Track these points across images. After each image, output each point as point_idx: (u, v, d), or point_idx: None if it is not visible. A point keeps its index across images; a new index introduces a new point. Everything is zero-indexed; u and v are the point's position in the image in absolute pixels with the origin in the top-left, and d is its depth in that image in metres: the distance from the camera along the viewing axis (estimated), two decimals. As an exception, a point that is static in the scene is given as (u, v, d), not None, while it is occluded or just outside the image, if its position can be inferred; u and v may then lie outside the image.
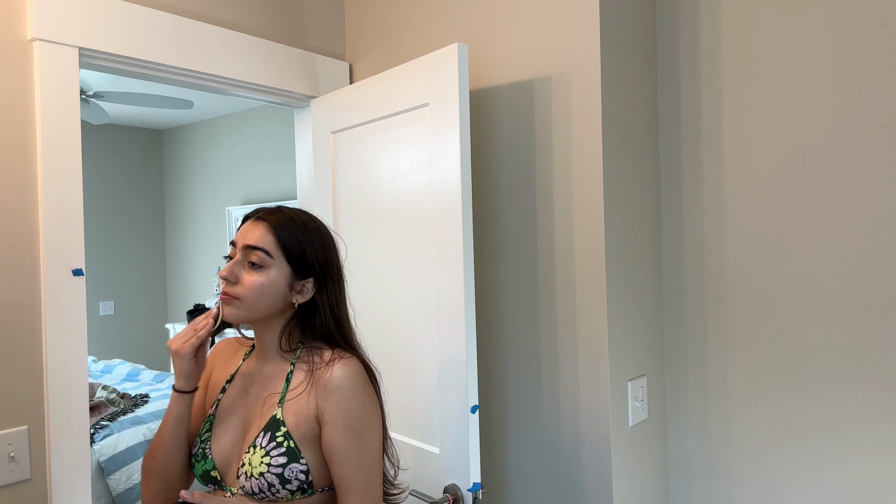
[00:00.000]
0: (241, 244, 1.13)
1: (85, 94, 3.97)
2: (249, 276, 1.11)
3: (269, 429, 1.10)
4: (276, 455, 1.07)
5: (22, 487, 1.38)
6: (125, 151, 6.05)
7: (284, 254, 1.12)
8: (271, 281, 1.11)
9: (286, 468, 1.07)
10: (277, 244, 1.12)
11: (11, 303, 1.37)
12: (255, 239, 1.12)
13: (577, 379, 1.55)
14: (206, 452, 1.15)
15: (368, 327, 1.77)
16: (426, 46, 1.86)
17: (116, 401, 3.65)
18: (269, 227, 1.13)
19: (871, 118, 1.43)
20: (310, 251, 1.14)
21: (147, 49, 1.59)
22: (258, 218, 1.15)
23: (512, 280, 1.67)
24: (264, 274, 1.11)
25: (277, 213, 1.15)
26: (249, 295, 1.10)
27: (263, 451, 1.08)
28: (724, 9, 1.62)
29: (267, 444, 1.08)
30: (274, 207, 1.17)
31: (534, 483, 1.64)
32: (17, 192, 1.39)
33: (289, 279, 1.13)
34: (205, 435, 1.17)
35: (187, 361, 1.12)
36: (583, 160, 1.52)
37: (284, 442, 1.08)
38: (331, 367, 1.11)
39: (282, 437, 1.08)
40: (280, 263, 1.12)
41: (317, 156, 1.96)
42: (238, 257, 1.13)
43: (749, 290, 1.59)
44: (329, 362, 1.12)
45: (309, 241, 1.15)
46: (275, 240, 1.12)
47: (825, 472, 1.50)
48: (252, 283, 1.10)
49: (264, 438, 1.09)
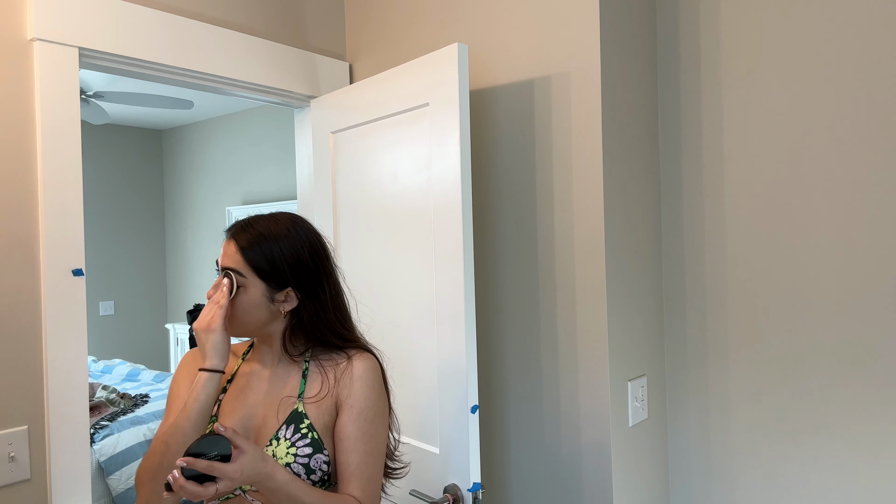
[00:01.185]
0: (220, 265, 1.18)
1: (85, 94, 3.97)
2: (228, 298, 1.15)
3: (291, 421, 1.13)
4: (302, 446, 1.11)
5: (22, 487, 1.38)
6: (125, 151, 6.05)
7: (254, 271, 1.14)
8: (250, 299, 1.14)
9: (312, 458, 1.10)
10: (246, 263, 1.14)
11: (11, 303, 1.37)
12: (227, 260, 1.16)
13: (577, 379, 1.55)
14: None
15: (368, 327, 1.77)
16: (426, 46, 1.86)
17: (116, 401, 3.65)
18: (237, 247, 1.15)
19: (871, 118, 1.43)
20: (280, 263, 1.15)
21: (147, 49, 1.59)
22: (231, 235, 1.18)
23: (512, 280, 1.67)
24: (243, 293, 1.14)
25: (248, 230, 1.16)
26: (236, 315, 1.15)
27: (289, 443, 1.11)
28: (724, 9, 1.62)
29: (292, 436, 1.11)
30: (246, 221, 1.19)
31: (534, 483, 1.64)
32: (17, 192, 1.39)
33: (266, 293, 1.15)
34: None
35: (219, 334, 1.11)
36: (583, 160, 1.52)
37: (309, 434, 1.12)
38: (354, 360, 1.17)
39: (306, 428, 1.12)
40: (253, 281, 1.14)
41: (317, 156, 1.96)
42: (217, 280, 1.17)
43: (749, 290, 1.59)
44: (351, 357, 1.18)
45: (279, 253, 1.15)
46: (242, 259, 1.14)
47: (825, 471, 1.50)
48: (235, 305, 1.15)
49: (288, 430, 1.12)
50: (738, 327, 1.61)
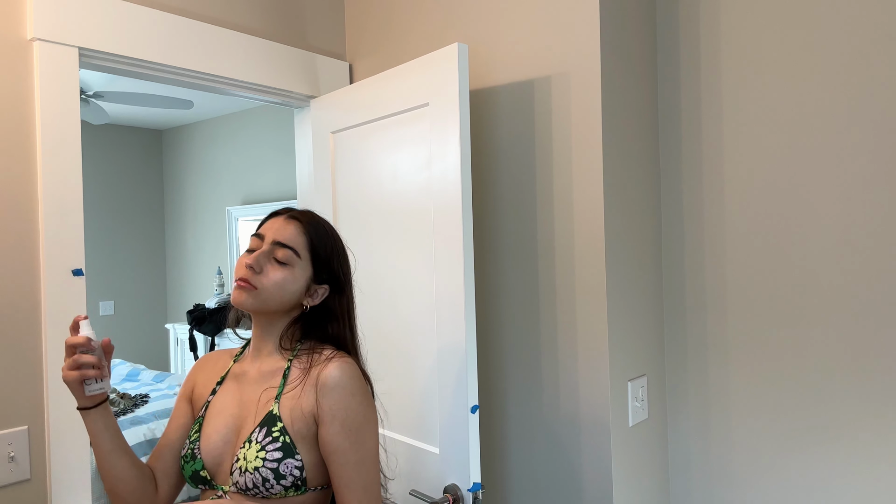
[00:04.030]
0: (271, 238, 1.15)
1: (85, 94, 3.97)
2: (274, 270, 1.13)
3: (265, 424, 1.10)
4: (272, 450, 1.07)
5: (22, 487, 1.38)
6: (125, 151, 6.05)
7: (311, 256, 1.16)
8: (294, 279, 1.14)
9: (281, 463, 1.07)
10: (307, 246, 1.15)
11: (11, 303, 1.37)
12: (286, 236, 1.14)
13: (577, 379, 1.55)
14: (195, 453, 1.14)
15: (369, 327, 1.77)
16: (426, 46, 1.86)
17: (116, 401, 3.65)
18: (302, 228, 1.16)
19: (871, 118, 1.43)
20: (334, 259, 1.18)
21: (147, 49, 1.59)
22: (291, 216, 1.18)
23: (512, 280, 1.67)
24: (289, 271, 1.13)
25: (309, 216, 1.19)
26: (269, 287, 1.12)
27: (259, 446, 1.08)
28: (724, 9, 1.62)
29: (263, 439, 1.08)
30: (301, 211, 1.21)
31: (534, 483, 1.64)
32: (17, 192, 1.39)
33: (308, 281, 1.16)
34: (193, 436, 1.16)
35: (70, 383, 1.06)
36: (583, 160, 1.52)
37: (280, 437, 1.08)
38: (329, 365, 1.11)
39: (278, 432, 1.09)
40: (305, 265, 1.15)
41: (317, 156, 1.96)
42: (265, 249, 1.14)
43: (749, 290, 1.59)
44: (328, 359, 1.13)
45: (334, 249, 1.19)
46: (306, 241, 1.15)
47: (826, 471, 1.50)
48: (275, 277, 1.12)
49: (260, 433, 1.09)
50: (739, 327, 1.61)
